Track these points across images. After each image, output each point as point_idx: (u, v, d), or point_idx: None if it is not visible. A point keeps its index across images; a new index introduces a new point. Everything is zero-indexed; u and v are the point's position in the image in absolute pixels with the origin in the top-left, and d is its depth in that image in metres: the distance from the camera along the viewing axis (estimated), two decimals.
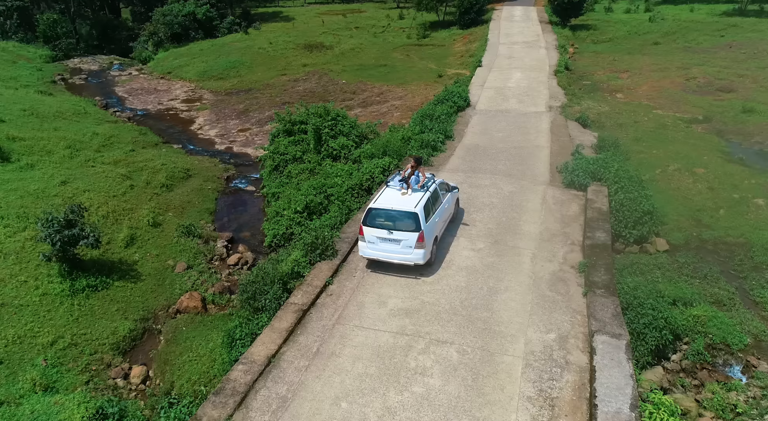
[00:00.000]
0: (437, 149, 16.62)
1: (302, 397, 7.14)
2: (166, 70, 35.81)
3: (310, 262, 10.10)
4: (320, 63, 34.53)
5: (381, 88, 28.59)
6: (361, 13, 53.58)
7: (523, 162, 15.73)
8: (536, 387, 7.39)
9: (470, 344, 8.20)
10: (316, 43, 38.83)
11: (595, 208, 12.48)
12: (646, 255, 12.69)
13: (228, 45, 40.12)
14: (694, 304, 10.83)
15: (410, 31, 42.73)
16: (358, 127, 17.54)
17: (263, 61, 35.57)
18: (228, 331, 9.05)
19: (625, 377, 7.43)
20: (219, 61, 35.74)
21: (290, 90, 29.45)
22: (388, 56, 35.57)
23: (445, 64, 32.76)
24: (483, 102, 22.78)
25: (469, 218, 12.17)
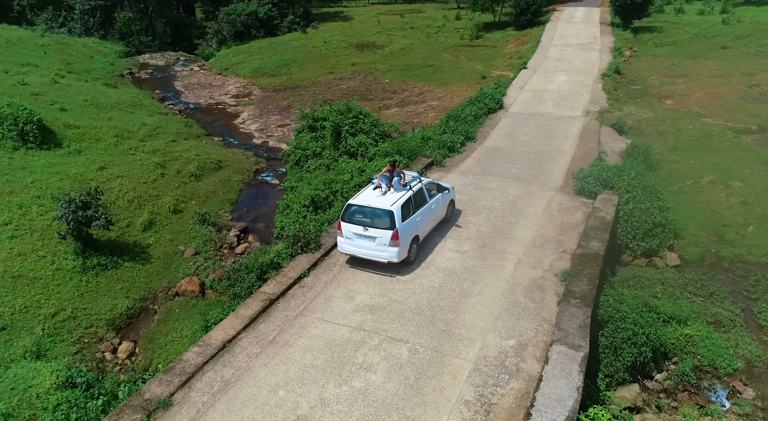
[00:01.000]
0: (454, 150, 16.53)
1: (244, 382, 7.46)
2: (223, 67, 37.53)
3: (291, 254, 10.43)
4: (368, 62, 34.98)
5: (422, 88, 28.63)
6: (420, 13, 53.64)
7: (539, 167, 15.35)
8: (477, 392, 7.32)
9: (424, 344, 8.22)
10: (367, 43, 39.33)
11: (599, 217, 12.02)
12: (652, 269, 12.11)
13: (285, 43, 41.44)
14: (689, 322, 10.26)
15: (464, 32, 42.41)
16: (379, 126, 17.73)
17: (314, 59, 36.49)
18: (203, 315, 9.54)
19: (571, 389, 7.21)
20: (273, 59, 37.02)
21: (334, 88, 30.07)
22: (437, 57, 35.49)
23: (492, 66, 32.31)
24: (517, 104, 22.34)
25: (464, 220, 12.08)
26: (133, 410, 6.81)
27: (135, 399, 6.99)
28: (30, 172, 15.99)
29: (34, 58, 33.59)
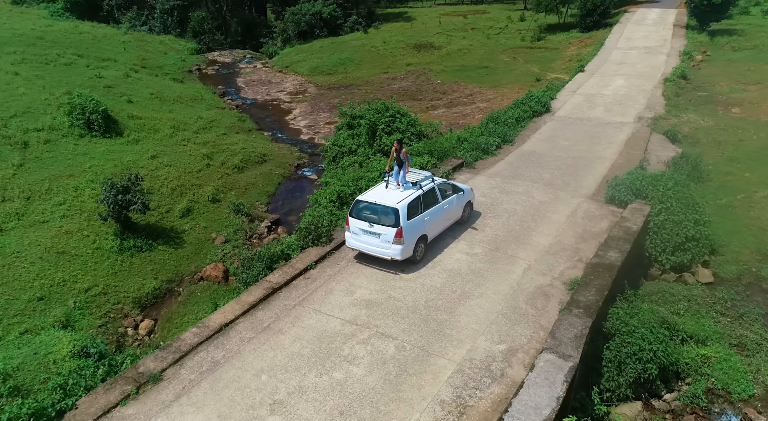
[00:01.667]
0: (488, 153, 16.33)
1: (232, 364, 7.83)
2: (284, 65, 38.80)
3: (302, 247, 10.77)
4: (424, 62, 35.04)
5: (472, 89, 28.38)
6: (484, 14, 53.00)
7: (573, 173, 14.90)
8: (455, 393, 7.30)
9: (413, 342, 8.27)
10: (425, 43, 39.37)
11: (624, 227, 11.54)
12: (681, 285, 11.50)
13: (346, 43, 42.25)
14: (709, 343, 9.69)
15: (525, 34, 41.53)
16: (417, 126, 17.80)
17: (371, 58, 36.97)
18: (214, 299, 10.06)
19: (550, 398, 7.05)
20: (331, 58, 37.86)
21: (386, 87, 30.38)
22: (493, 58, 35.01)
23: (549, 69, 31.49)
24: (566, 108, 21.72)
25: (482, 223, 11.97)
26: (125, 381, 7.35)
27: (130, 372, 7.54)
28: (90, 158, 17.35)
29: (114, 54, 36.14)
